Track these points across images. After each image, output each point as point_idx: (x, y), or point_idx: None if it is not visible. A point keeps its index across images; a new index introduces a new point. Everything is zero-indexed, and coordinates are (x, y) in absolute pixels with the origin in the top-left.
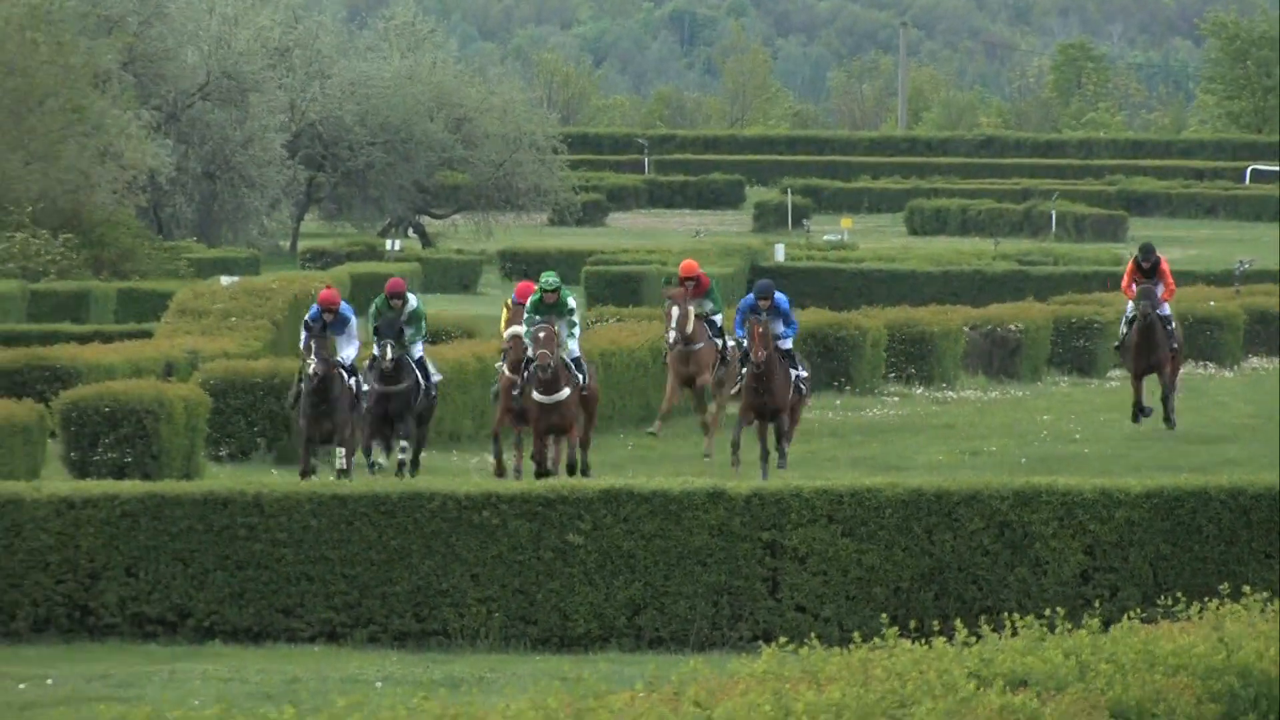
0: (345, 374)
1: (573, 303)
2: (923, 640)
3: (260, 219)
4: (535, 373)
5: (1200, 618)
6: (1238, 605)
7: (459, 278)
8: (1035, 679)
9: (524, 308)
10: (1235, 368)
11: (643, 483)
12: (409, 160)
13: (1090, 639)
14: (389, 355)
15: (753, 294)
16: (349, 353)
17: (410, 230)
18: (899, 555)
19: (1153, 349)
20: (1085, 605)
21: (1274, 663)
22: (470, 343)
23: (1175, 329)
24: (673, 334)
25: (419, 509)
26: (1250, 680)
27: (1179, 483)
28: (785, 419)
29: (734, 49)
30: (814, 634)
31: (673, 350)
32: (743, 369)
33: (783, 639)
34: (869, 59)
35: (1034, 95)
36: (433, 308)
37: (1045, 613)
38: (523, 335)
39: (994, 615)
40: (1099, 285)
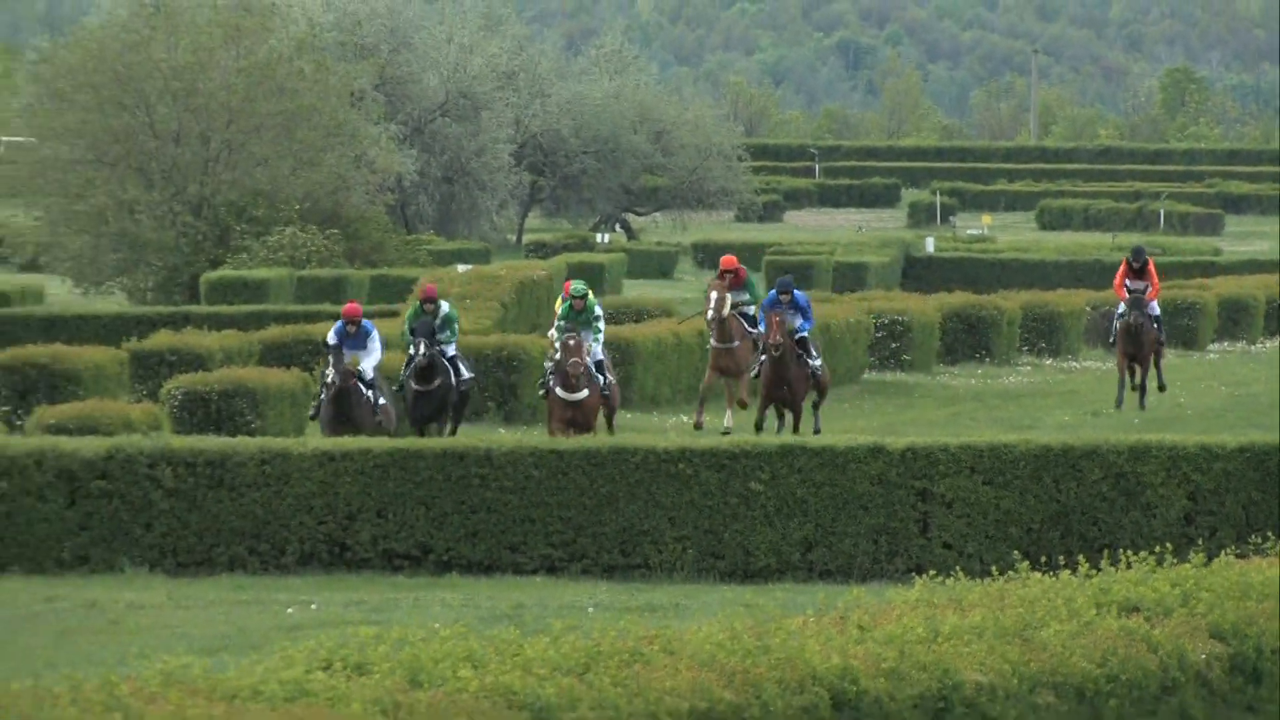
0: (364, 386)
1: (599, 310)
2: (1050, 572)
3: (490, 216)
4: (562, 373)
5: None
6: None
7: (658, 266)
8: (1146, 605)
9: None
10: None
11: (813, 439)
12: (616, 167)
13: (1193, 571)
14: (422, 351)
15: (775, 290)
16: (369, 364)
17: (617, 225)
18: (1030, 500)
19: (1137, 347)
20: (1189, 543)
21: None
22: (668, 320)
23: (1161, 325)
24: (710, 313)
25: (624, 461)
26: None
27: (1268, 439)
28: (800, 410)
29: (891, 72)
30: (958, 568)
31: (713, 344)
32: (761, 356)
33: (932, 572)
34: (1005, 81)
35: (1144, 112)
36: (634, 291)
37: (1154, 550)
38: (551, 337)
39: (1111, 552)
40: (1200, 272)
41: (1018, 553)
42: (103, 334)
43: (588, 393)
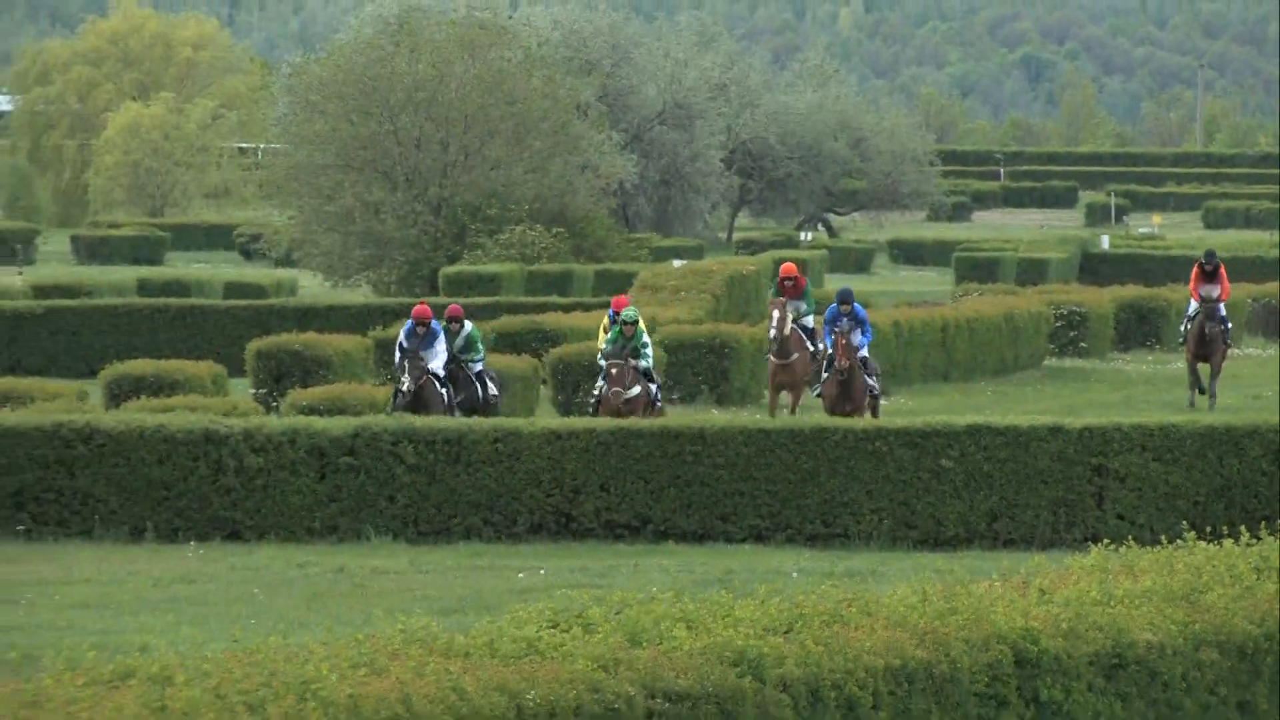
0: (437, 383)
1: (646, 336)
2: (1214, 541)
3: (703, 216)
4: (608, 395)
5: None
6: None
7: (856, 261)
8: None
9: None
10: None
11: (998, 420)
12: (818, 170)
13: None
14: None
15: (836, 300)
16: (436, 364)
17: (819, 224)
18: (1196, 476)
19: (1209, 351)
20: None
21: None
22: (867, 311)
23: (1229, 327)
24: (774, 332)
25: (825, 440)
26: None
27: None
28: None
29: (1069, 84)
30: (1130, 537)
31: (772, 360)
32: (825, 373)
33: (1106, 541)
34: (1173, 92)
35: None
36: (832, 285)
37: None
38: (601, 350)
39: (1270, 522)
40: None
41: (1185, 523)
42: (350, 323)
43: (638, 390)
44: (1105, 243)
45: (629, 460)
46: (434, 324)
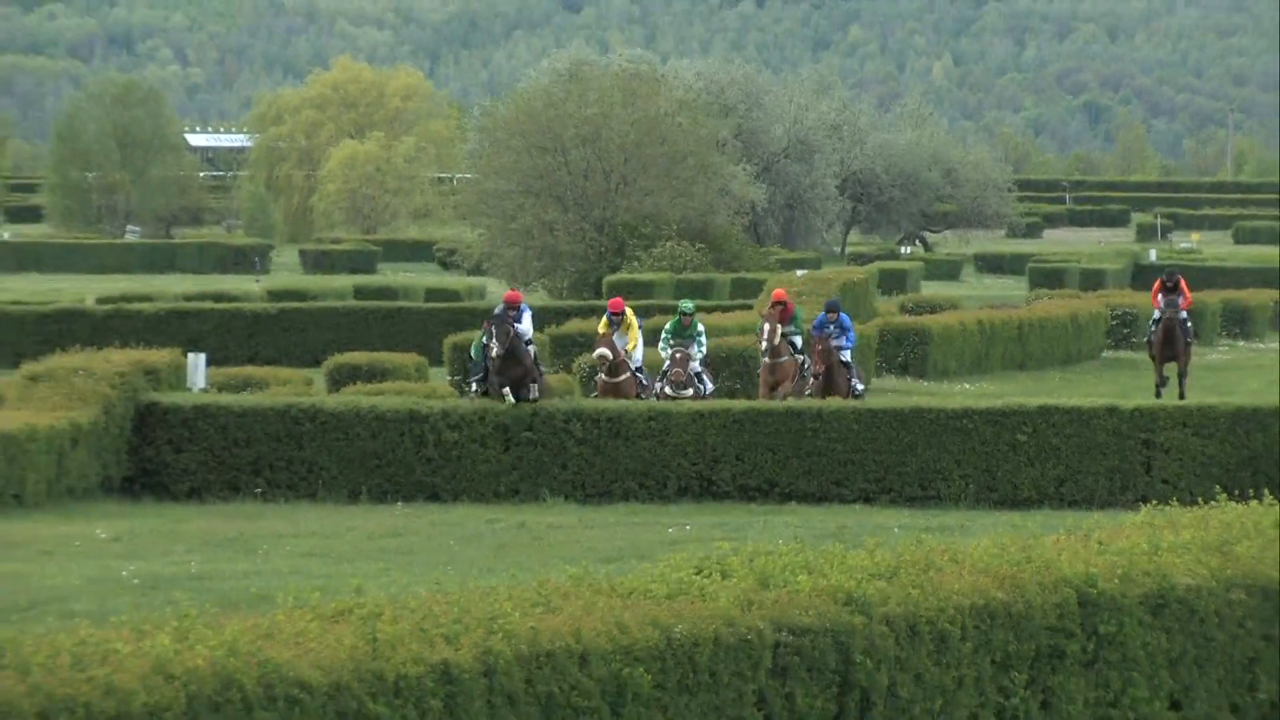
0: (523, 343)
1: (701, 326)
2: (1243, 502)
3: (821, 234)
4: (669, 379)
5: None
6: None
7: (947, 271)
8: None
9: (615, 318)
10: None
11: (1064, 402)
12: (916, 196)
13: None
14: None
15: (824, 310)
16: (524, 327)
17: (916, 240)
18: (1228, 448)
19: (1172, 345)
20: None
21: None
22: (956, 314)
23: (1190, 329)
24: (764, 344)
25: (921, 418)
26: None
27: None
28: None
29: (1123, 125)
30: (1174, 498)
31: (766, 361)
32: (804, 372)
33: (1153, 501)
34: (1209, 132)
35: None
36: (929, 290)
37: None
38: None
39: None
40: None
41: (1218, 487)
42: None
43: (691, 392)
44: (1153, 255)
45: (759, 435)
46: (523, 305)
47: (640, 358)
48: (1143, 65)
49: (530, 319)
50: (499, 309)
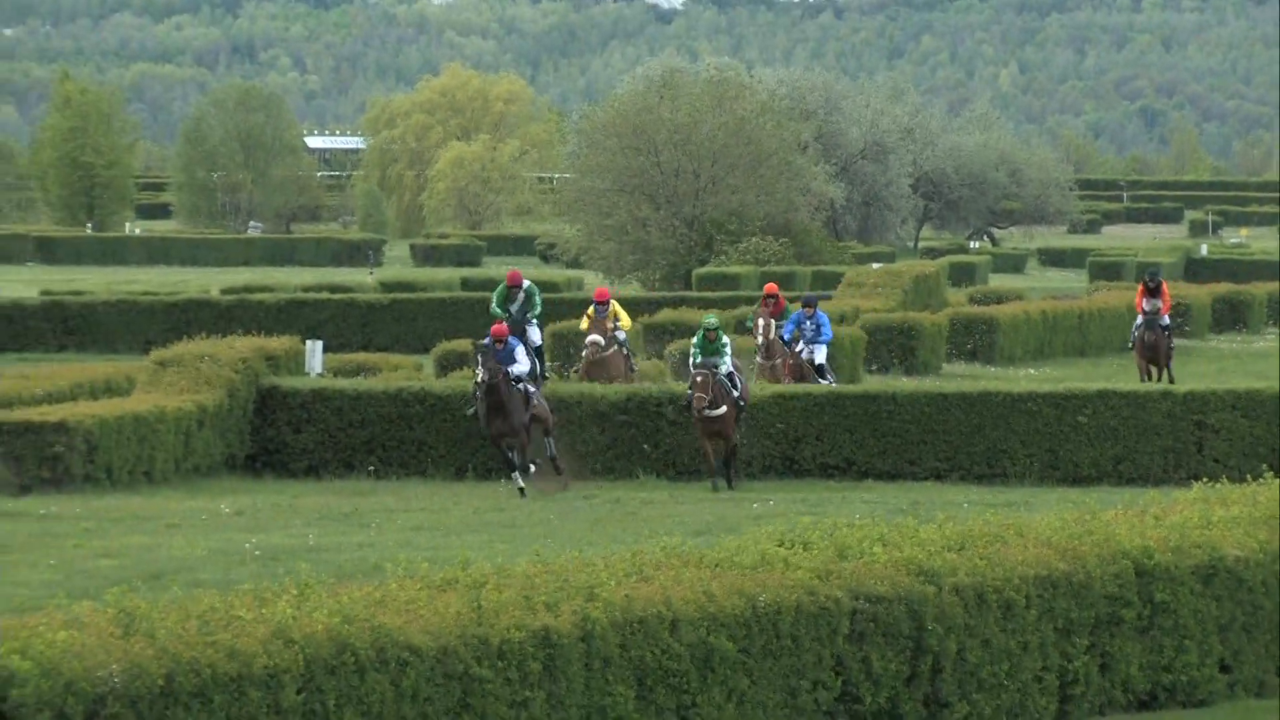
0: (514, 383)
1: (726, 338)
2: None
3: (895, 229)
4: (694, 405)
5: None
6: None
7: (1013, 264)
8: None
9: (600, 308)
10: None
11: (1122, 386)
12: (983, 194)
13: None
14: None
15: (802, 305)
16: (517, 368)
17: (984, 235)
18: (1275, 429)
19: (1155, 354)
20: None
21: None
22: (1021, 304)
23: (1170, 333)
24: (760, 339)
25: (989, 401)
26: None
27: None
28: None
29: (1177, 129)
30: (1224, 476)
31: (760, 361)
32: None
33: (1205, 479)
34: (1256, 135)
35: None
36: (996, 282)
37: None
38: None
39: None
40: None
41: (1265, 466)
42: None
43: (725, 409)
44: (1204, 250)
45: (838, 416)
46: (510, 340)
47: (625, 338)
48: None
49: (525, 353)
50: (487, 340)
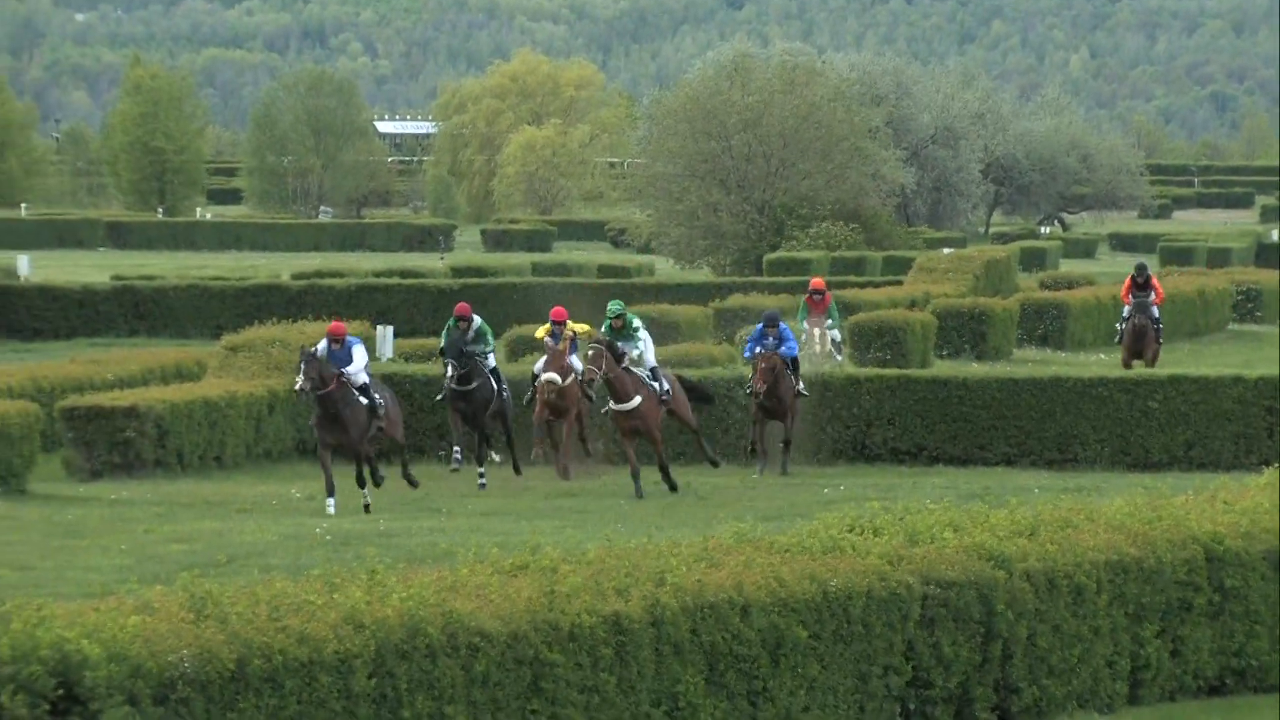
0: (355, 390)
1: (638, 322)
2: None
3: (966, 215)
4: (611, 387)
5: None
6: None
7: (1084, 249)
8: None
9: (556, 327)
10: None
11: (1193, 371)
12: (1054, 179)
13: None
14: (450, 374)
15: (761, 324)
16: (352, 369)
17: (1055, 221)
18: None
19: (1142, 345)
20: None
21: None
22: (1091, 289)
23: (1160, 327)
24: (817, 346)
25: (1059, 386)
26: None
27: None
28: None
29: (1248, 114)
30: None
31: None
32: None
33: (1276, 464)
34: None
35: None
36: (1067, 267)
37: None
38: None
39: None
40: None
41: None
42: (695, 296)
43: (640, 399)
44: (1275, 235)
45: (909, 401)
46: (349, 339)
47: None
48: (1265, 58)
49: (363, 354)
50: (321, 345)
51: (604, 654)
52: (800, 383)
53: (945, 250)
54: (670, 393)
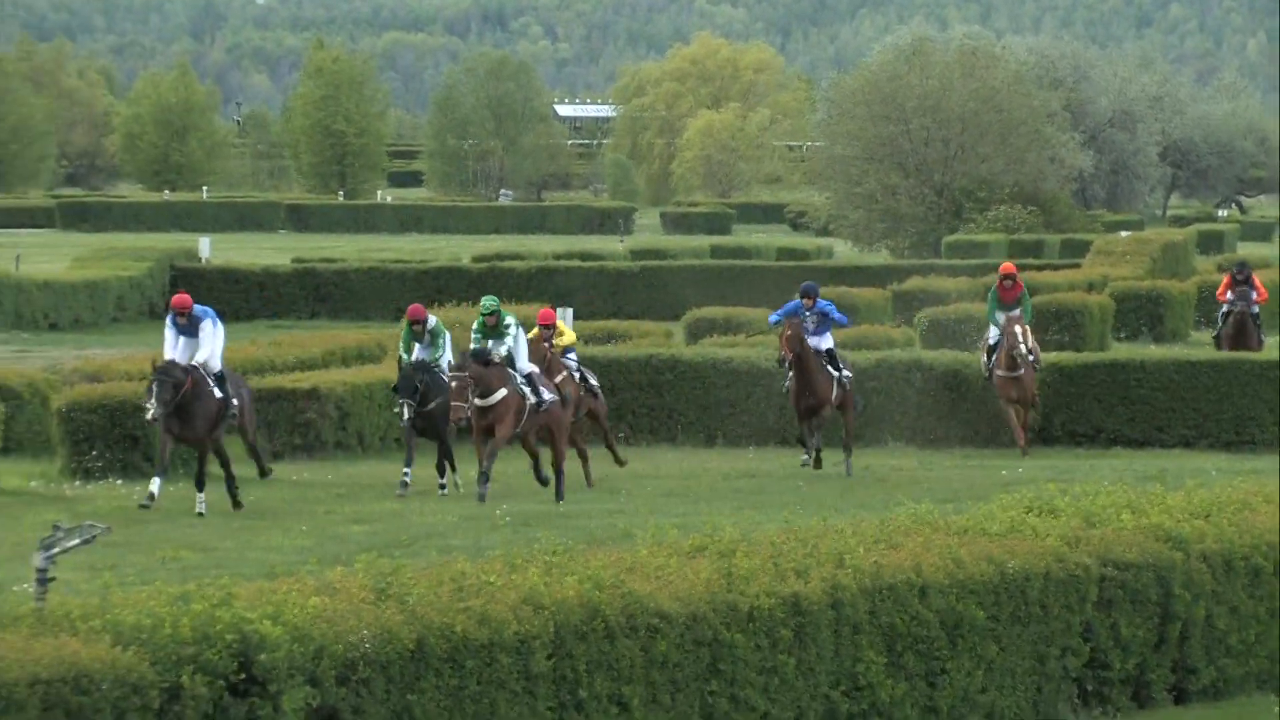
0: (209, 379)
1: (510, 319)
2: None
3: (1144, 198)
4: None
5: None
6: None
7: (1261, 232)
8: None
9: (545, 331)
10: None
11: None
12: (1231, 163)
13: None
14: (406, 417)
15: (799, 295)
16: (202, 355)
17: (1233, 204)
18: None
19: (1244, 338)
20: None
21: None
22: (1269, 271)
23: (1261, 324)
24: (1022, 346)
25: (1238, 368)
26: None
27: None
28: (827, 414)
29: None
30: None
31: (998, 375)
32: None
33: None
34: None
35: None
36: (1244, 251)
37: None
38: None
39: None
40: None
41: None
42: (873, 279)
43: (503, 393)
44: None
45: (1087, 385)
46: (197, 309)
47: (576, 363)
48: None
49: (211, 336)
50: (160, 371)
51: (783, 635)
52: (846, 370)
53: (1123, 233)
54: (547, 404)
